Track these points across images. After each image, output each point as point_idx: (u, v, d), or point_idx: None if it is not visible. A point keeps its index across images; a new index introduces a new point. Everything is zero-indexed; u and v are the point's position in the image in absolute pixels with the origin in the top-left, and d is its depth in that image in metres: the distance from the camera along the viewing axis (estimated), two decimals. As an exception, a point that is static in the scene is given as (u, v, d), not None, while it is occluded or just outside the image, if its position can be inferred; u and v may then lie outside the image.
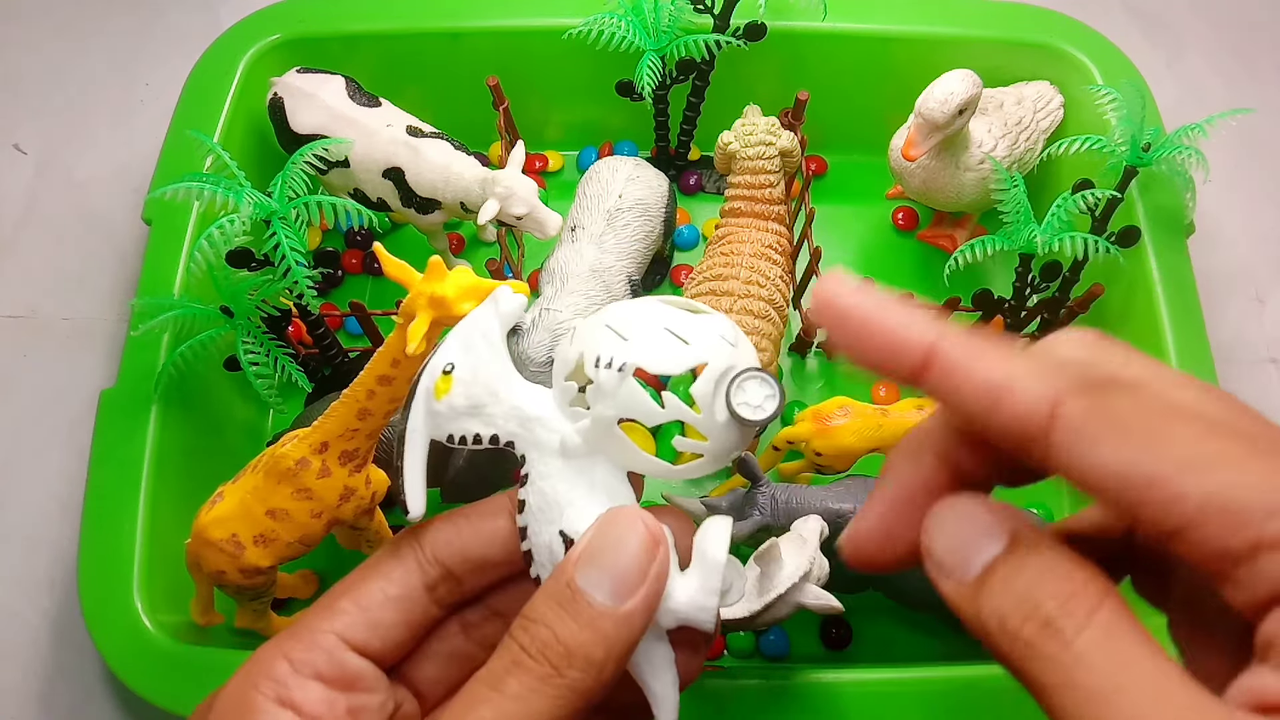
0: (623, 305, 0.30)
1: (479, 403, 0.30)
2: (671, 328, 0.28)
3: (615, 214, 0.64)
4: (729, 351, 0.28)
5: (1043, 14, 0.72)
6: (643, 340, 0.28)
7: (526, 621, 0.27)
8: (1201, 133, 0.61)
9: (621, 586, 0.27)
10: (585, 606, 0.27)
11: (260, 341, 0.58)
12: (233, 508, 0.48)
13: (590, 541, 0.28)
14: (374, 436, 0.48)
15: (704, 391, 0.28)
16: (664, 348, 0.28)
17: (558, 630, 0.27)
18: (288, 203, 0.55)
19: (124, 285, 0.72)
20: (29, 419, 0.68)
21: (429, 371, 0.30)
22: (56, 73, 0.82)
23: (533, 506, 0.30)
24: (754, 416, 0.28)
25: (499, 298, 0.31)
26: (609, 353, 0.28)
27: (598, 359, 0.28)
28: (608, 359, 0.28)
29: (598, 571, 0.27)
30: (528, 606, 0.28)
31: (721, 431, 0.28)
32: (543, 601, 0.27)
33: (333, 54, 0.69)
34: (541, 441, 0.30)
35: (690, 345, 0.28)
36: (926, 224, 0.75)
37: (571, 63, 0.69)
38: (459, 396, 0.30)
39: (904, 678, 0.51)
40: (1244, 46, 0.85)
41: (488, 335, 0.30)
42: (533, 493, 0.30)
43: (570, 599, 0.27)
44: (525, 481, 0.30)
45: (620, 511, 0.28)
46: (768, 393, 0.28)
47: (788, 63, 0.71)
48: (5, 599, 0.62)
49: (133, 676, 0.51)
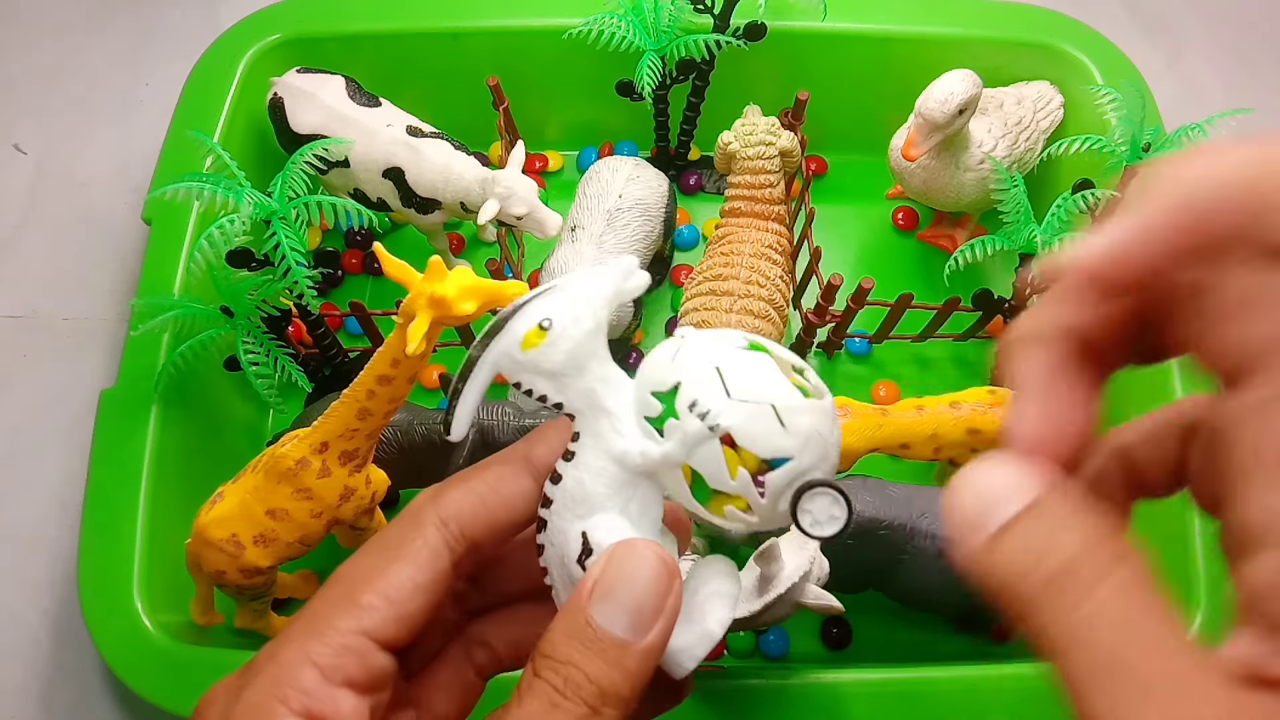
0: (739, 353, 0.28)
1: (562, 371, 0.29)
2: (779, 406, 0.27)
3: (615, 214, 0.64)
4: (819, 453, 0.28)
5: (1043, 14, 0.72)
6: (746, 408, 0.27)
7: (554, 663, 0.27)
8: (1201, 133, 0.61)
9: (639, 621, 0.27)
10: (610, 645, 0.27)
11: (260, 341, 0.58)
12: (233, 508, 0.48)
13: (606, 574, 0.27)
14: (374, 436, 0.49)
15: (778, 485, 0.27)
16: (762, 427, 0.27)
17: (588, 671, 0.27)
18: (288, 203, 0.55)
19: (124, 285, 0.72)
20: (29, 419, 0.68)
21: (523, 315, 0.28)
22: (56, 73, 0.82)
23: (568, 489, 0.29)
24: (812, 531, 0.28)
25: (628, 271, 0.29)
26: (708, 403, 0.27)
27: (694, 402, 0.27)
28: (704, 408, 0.27)
29: (614, 606, 0.27)
30: (549, 644, 0.27)
31: (773, 520, 0.28)
32: (566, 641, 0.27)
33: (333, 54, 0.69)
34: (603, 435, 0.29)
35: (788, 434, 0.27)
36: (926, 224, 0.75)
37: (571, 63, 0.69)
38: (546, 358, 0.28)
39: (904, 678, 0.51)
40: (1244, 46, 0.85)
41: (595, 306, 0.29)
42: (572, 478, 0.29)
43: (595, 639, 0.27)
44: (570, 457, 0.29)
45: (634, 544, 0.28)
46: (835, 513, 0.28)
47: (788, 63, 0.71)
48: (5, 599, 0.62)
49: (133, 676, 0.51)
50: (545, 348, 0.28)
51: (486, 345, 0.28)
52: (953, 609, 0.57)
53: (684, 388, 0.27)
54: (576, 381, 0.29)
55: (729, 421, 0.27)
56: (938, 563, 0.53)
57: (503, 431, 0.56)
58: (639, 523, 0.29)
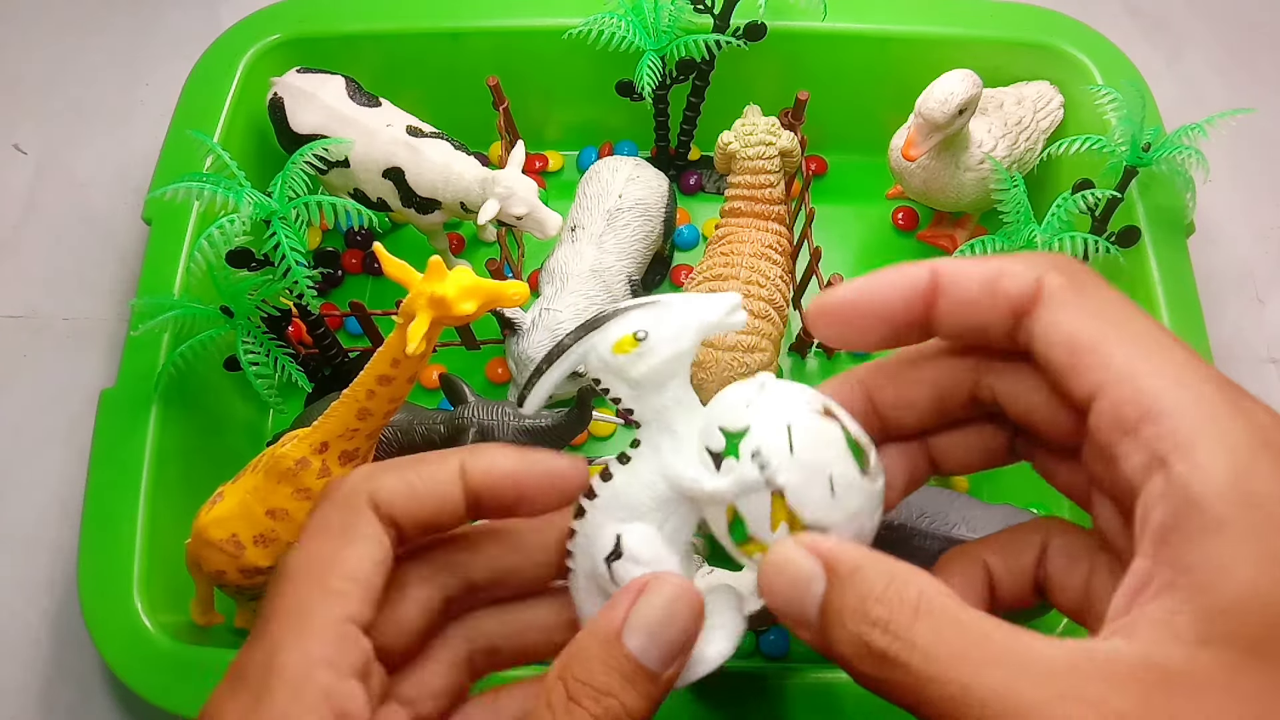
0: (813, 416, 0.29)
1: (643, 383, 0.29)
2: (835, 478, 0.28)
3: (615, 214, 0.64)
4: (856, 530, 0.29)
5: (1043, 14, 0.72)
6: (805, 471, 0.28)
7: (594, 691, 0.27)
8: (1201, 133, 0.61)
9: (669, 656, 0.28)
10: (643, 678, 0.28)
11: (260, 341, 0.58)
12: (233, 508, 0.48)
13: (644, 606, 0.28)
14: (374, 436, 0.49)
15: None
16: (816, 494, 0.28)
17: (625, 701, 0.28)
18: (288, 203, 0.55)
19: (124, 285, 0.72)
20: (29, 419, 0.68)
21: (623, 320, 0.29)
22: (56, 73, 0.82)
23: (616, 490, 0.30)
24: None
25: (732, 307, 0.30)
26: (770, 455, 0.28)
27: (757, 451, 0.28)
28: (766, 459, 0.28)
29: (649, 640, 0.28)
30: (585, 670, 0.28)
31: None
32: (605, 671, 0.28)
33: (333, 54, 0.69)
34: (663, 452, 0.30)
35: (836, 506, 0.28)
36: (926, 224, 0.75)
37: (571, 63, 0.69)
38: (634, 367, 0.29)
39: (904, 678, 0.51)
40: (1244, 46, 0.85)
41: (693, 331, 0.29)
42: (622, 480, 0.30)
43: (631, 671, 0.28)
44: (625, 461, 0.30)
45: (672, 581, 0.29)
46: None
47: (788, 63, 0.71)
48: (5, 599, 0.62)
49: (133, 676, 0.51)
50: (635, 357, 0.29)
51: (580, 337, 0.29)
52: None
53: (752, 433, 0.28)
54: (653, 396, 0.29)
55: (785, 479, 0.28)
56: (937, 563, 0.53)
57: (503, 432, 0.56)
58: (673, 540, 0.30)
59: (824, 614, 0.26)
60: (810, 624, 0.26)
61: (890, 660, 0.24)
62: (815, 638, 0.26)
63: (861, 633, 0.24)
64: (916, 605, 0.24)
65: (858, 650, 0.25)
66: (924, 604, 0.24)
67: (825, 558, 0.26)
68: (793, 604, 0.26)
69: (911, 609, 0.24)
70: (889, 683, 0.24)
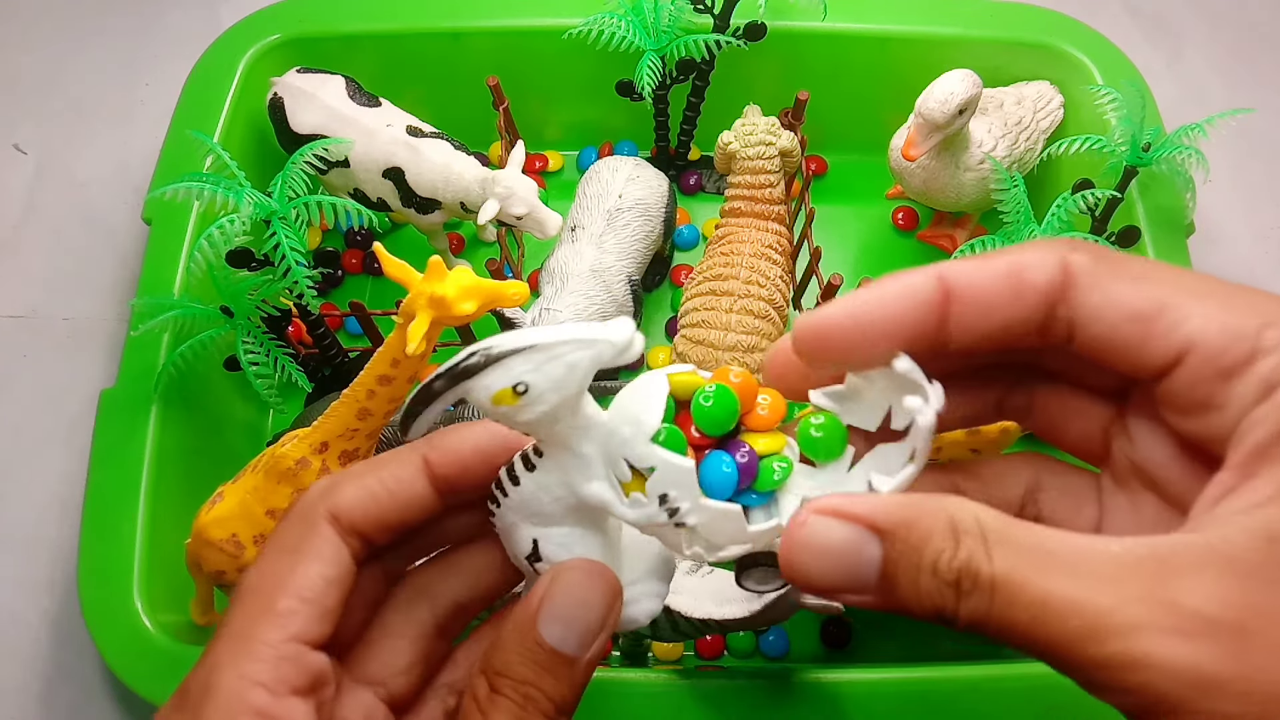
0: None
1: (533, 427, 0.27)
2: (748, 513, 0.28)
3: (615, 214, 0.64)
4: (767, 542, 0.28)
5: (1043, 14, 0.72)
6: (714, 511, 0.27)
7: (513, 682, 0.28)
8: (1201, 133, 0.61)
9: (586, 639, 0.28)
10: (561, 663, 0.28)
11: (260, 341, 0.58)
12: (233, 508, 0.48)
13: (553, 594, 0.28)
14: (374, 436, 0.49)
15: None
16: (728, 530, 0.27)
17: (544, 688, 0.28)
18: (288, 203, 0.55)
19: (124, 285, 0.72)
20: (29, 419, 0.68)
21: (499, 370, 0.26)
22: (56, 73, 0.82)
23: (524, 496, 0.29)
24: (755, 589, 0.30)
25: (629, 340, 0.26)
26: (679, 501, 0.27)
27: (665, 496, 0.27)
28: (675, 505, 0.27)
29: (563, 626, 0.28)
30: (504, 663, 0.28)
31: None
32: (521, 662, 0.28)
33: (333, 54, 0.69)
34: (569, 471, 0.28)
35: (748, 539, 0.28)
36: (926, 224, 0.75)
37: (571, 63, 0.69)
38: (518, 417, 0.27)
39: (904, 678, 0.51)
40: (1244, 46, 0.85)
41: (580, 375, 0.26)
42: (529, 489, 0.29)
43: (547, 659, 0.28)
44: (531, 468, 0.29)
45: (579, 566, 0.29)
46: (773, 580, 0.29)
47: (788, 63, 0.71)
48: (5, 599, 0.62)
49: (133, 676, 0.51)
50: (518, 409, 0.26)
51: (451, 385, 0.26)
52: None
53: (660, 476, 0.27)
54: (547, 428, 0.27)
55: (695, 520, 0.27)
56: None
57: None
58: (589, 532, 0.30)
59: (887, 575, 0.25)
60: (868, 588, 0.25)
61: (973, 597, 0.24)
62: (878, 599, 0.25)
63: (942, 580, 0.24)
64: (984, 537, 0.24)
65: (940, 600, 0.24)
66: (988, 533, 0.24)
67: (869, 521, 0.25)
68: (843, 577, 0.25)
69: (981, 542, 0.24)
70: (972, 620, 0.24)
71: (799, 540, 0.26)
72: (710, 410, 0.27)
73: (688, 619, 0.49)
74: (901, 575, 0.25)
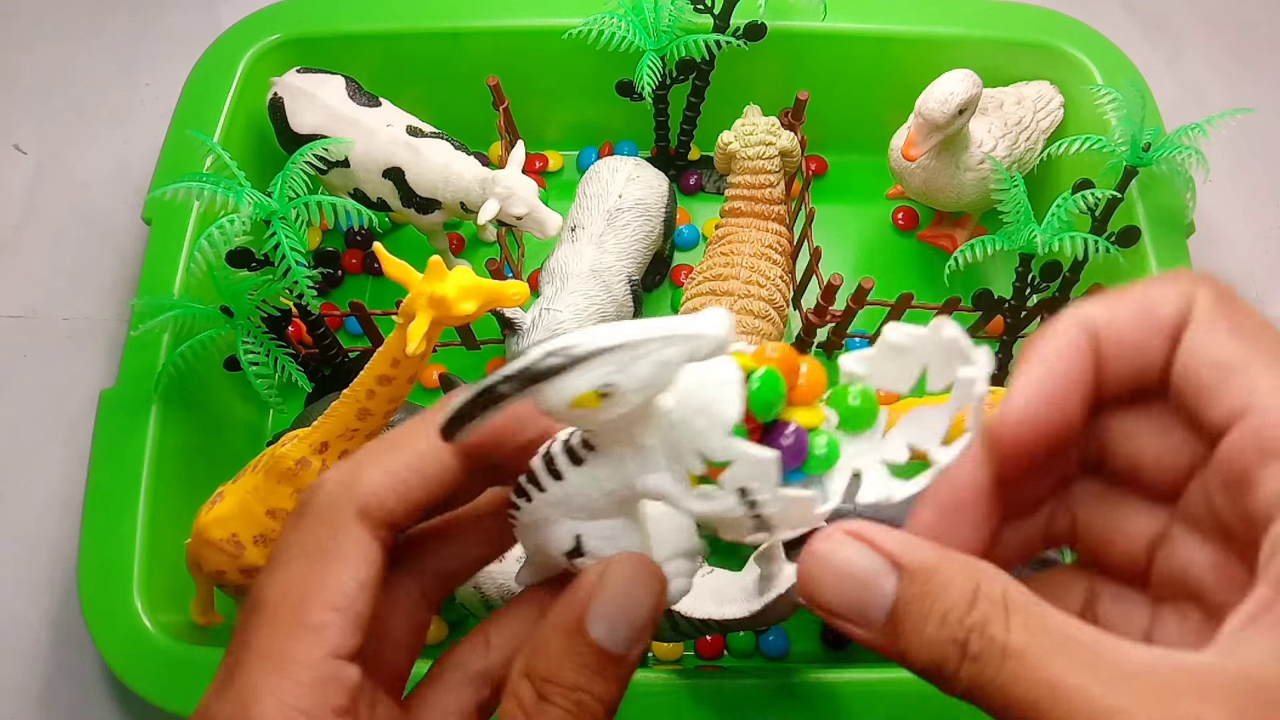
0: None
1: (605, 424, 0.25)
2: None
3: (615, 214, 0.64)
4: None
5: (1043, 14, 0.72)
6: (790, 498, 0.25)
7: (563, 689, 0.26)
8: (1201, 133, 0.61)
9: (635, 636, 0.27)
10: (610, 662, 0.27)
11: (260, 341, 0.58)
12: (233, 508, 0.48)
13: (605, 592, 0.27)
14: (374, 436, 0.49)
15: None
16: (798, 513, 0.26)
17: (595, 692, 0.27)
18: (288, 203, 0.55)
19: (124, 285, 0.72)
20: (29, 419, 0.68)
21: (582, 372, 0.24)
22: (56, 73, 0.82)
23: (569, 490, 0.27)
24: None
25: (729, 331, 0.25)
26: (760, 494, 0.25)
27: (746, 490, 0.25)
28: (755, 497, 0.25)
29: (612, 625, 0.27)
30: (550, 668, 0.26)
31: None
32: (573, 667, 0.27)
33: (333, 54, 0.69)
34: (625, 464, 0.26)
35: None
36: (926, 224, 0.75)
37: (571, 63, 0.69)
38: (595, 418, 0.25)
39: (904, 678, 0.50)
40: (1244, 46, 0.85)
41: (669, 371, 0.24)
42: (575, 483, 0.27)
43: (597, 660, 0.27)
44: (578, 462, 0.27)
45: (628, 561, 0.27)
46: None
47: (788, 63, 0.71)
48: (5, 599, 0.62)
49: (133, 676, 0.51)
50: (599, 411, 0.24)
51: (522, 388, 0.24)
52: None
53: (739, 469, 0.25)
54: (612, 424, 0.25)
55: (771, 510, 0.25)
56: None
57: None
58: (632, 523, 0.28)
59: (898, 616, 0.24)
60: (873, 625, 0.24)
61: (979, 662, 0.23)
62: (881, 639, 0.24)
63: (951, 636, 0.23)
64: (1006, 605, 0.23)
65: (942, 653, 0.23)
66: (1011, 604, 0.23)
67: (893, 557, 0.24)
68: (852, 604, 0.24)
69: (1002, 609, 0.23)
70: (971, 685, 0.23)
71: (821, 555, 0.25)
72: (759, 393, 0.25)
73: (688, 619, 0.49)
74: (910, 618, 0.24)
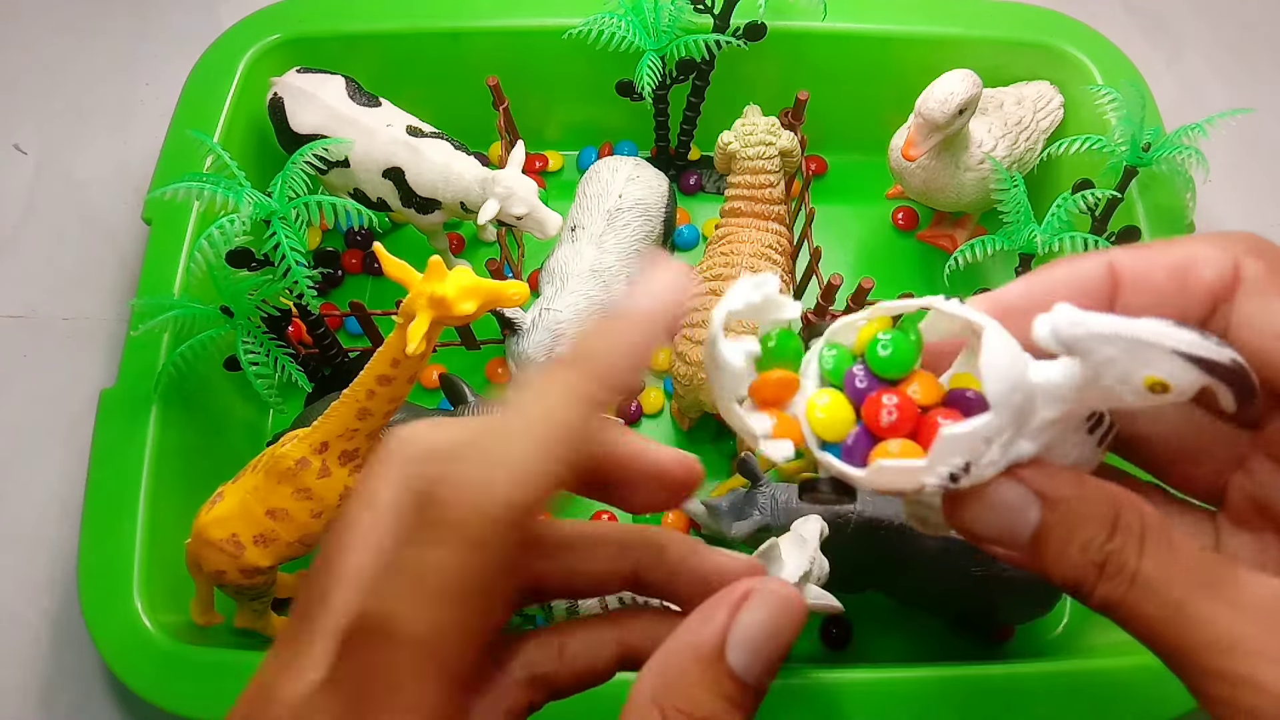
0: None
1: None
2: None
3: (615, 214, 0.64)
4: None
5: (1043, 14, 0.72)
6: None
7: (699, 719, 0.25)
8: (1201, 133, 0.61)
9: (771, 669, 0.26)
10: (745, 694, 0.26)
11: (260, 341, 0.58)
12: (233, 508, 0.48)
13: (747, 619, 0.26)
14: (374, 436, 0.49)
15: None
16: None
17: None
18: (288, 203, 0.55)
19: (124, 285, 0.72)
20: (29, 419, 0.68)
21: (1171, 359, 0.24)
22: (56, 73, 0.82)
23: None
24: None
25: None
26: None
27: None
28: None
29: (752, 655, 0.25)
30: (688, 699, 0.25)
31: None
32: (710, 696, 0.25)
33: (333, 54, 0.69)
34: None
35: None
36: (926, 224, 0.75)
37: (571, 63, 0.69)
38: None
39: (904, 678, 0.51)
40: (1244, 46, 0.85)
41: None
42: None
43: (734, 691, 0.25)
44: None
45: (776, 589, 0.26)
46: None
47: (788, 63, 0.71)
48: (5, 599, 0.62)
49: (133, 676, 0.51)
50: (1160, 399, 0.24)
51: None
52: (952, 609, 0.57)
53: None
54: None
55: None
56: (938, 563, 0.53)
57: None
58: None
59: (1041, 540, 0.25)
60: (1020, 545, 0.26)
61: (1113, 582, 0.24)
62: (1026, 558, 0.26)
63: (1091, 560, 0.25)
64: (1142, 535, 0.25)
65: (1083, 574, 0.25)
66: (1148, 533, 0.25)
67: (1037, 487, 0.25)
68: (1004, 528, 0.26)
69: (1138, 539, 0.24)
70: (1105, 602, 0.25)
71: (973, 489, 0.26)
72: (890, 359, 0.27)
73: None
74: (1053, 543, 0.25)
